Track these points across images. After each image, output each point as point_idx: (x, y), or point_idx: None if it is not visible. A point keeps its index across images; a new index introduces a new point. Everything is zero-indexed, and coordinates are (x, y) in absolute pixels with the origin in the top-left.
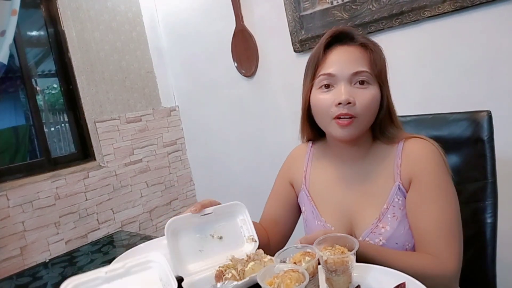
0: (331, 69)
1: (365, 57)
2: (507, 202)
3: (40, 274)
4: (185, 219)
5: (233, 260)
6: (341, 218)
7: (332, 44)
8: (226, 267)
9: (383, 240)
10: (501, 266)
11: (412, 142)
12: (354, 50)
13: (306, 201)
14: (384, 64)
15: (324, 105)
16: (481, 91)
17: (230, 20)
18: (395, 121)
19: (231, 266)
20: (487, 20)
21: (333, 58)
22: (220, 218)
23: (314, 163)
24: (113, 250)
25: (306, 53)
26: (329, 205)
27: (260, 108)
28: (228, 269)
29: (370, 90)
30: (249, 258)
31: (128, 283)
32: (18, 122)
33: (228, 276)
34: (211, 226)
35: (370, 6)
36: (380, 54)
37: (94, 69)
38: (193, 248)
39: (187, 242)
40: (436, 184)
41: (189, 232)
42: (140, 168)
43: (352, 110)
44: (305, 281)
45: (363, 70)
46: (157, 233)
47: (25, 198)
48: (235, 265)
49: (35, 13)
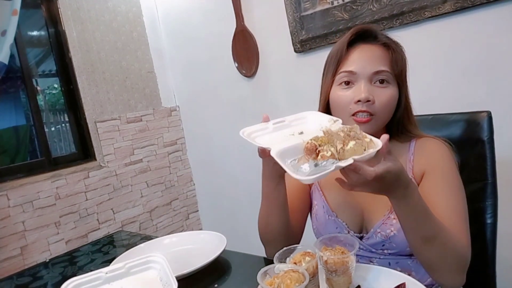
0: (352, 67)
1: (387, 56)
2: (507, 203)
3: (41, 274)
4: (259, 128)
5: (327, 133)
6: (352, 212)
7: (354, 42)
8: (320, 141)
9: (394, 231)
10: (501, 266)
11: (424, 140)
12: (376, 49)
13: (317, 196)
14: (404, 64)
15: (344, 102)
16: (481, 92)
17: (230, 20)
18: (412, 120)
19: (326, 141)
20: (488, 21)
21: (355, 56)
22: (293, 123)
23: None
24: (113, 250)
25: (307, 53)
26: (340, 200)
27: (260, 109)
28: (325, 145)
29: (390, 90)
30: (347, 136)
31: (129, 283)
32: (19, 122)
33: (327, 154)
34: (287, 131)
35: (371, 6)
36: (401, 54)
37: (95, 69)
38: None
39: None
40: (446, 175)
41: (265, 135)
42: (140, 168)
43: (371, 108)
44: (305, 281)
45: (383, 69)
46: (157, 233)
47: (25, 198)
48: (331, 141)
49: (36, 13)
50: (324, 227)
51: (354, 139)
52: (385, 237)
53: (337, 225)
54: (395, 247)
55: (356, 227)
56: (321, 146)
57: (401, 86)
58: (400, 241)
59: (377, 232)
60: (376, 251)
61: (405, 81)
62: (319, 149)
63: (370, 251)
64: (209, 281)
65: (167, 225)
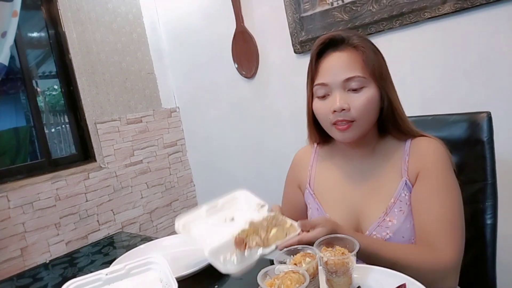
0: (323, 79)
1: (357, 59)
2: (507, 203)
3: (41, 275)
4: (192, 218)
5: (251, 225)
6: (347, 213)
7: (324, 51)
8: (246, 234)
9: (390, 234)
10: (501, 267)
11: (419, 140)
12: (345, 55)
13: (310, 199)
14: (378, 62)
15: (323, 113)
16: (481, 92)
17: (230, 21)
18: (400, 116)
19: (251, 232)
20: (487, 21)
21: (325, 67)
22: (225, 207)
23: (319, 163)
24: (113, 251)
25: (307, 54)
26: (334, 201)
27: (260, 109)
28: (251, 236)
29: (365, 93)
30: (270, 224)
31: (129, 285)
32: (19, 123)
33: (252, 244)
34: (219, 216)
35: (370, 7)
36: (372, 53)
37: (95, 70)
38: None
39: (201, 230)
40: (441, 178)
41: (200, 224)
42: (140, 169)
43: (348, 116)
44: (305, 282)
45: (353, 75)
46: (158, 234)
47: (25, 199)
48: (256, 231)
49: (36, 14)
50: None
51: (276, 226)
52: None
53: None
54: None
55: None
56: (248, 238)
57: (381, 83)
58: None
59: (373, 235)
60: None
61: (384, 78)
62: (246, 240)
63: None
64: (209, 282)
65: (167, 226)
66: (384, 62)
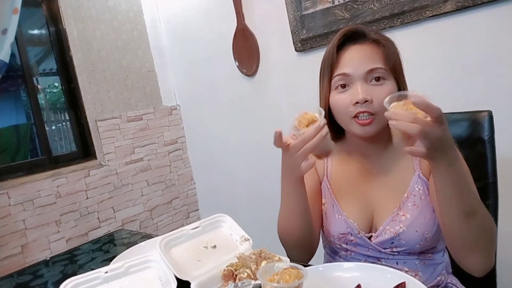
0: (345, 69)
1: (378, 53)
2: (507, 202)
3: (41, 272)
4: (175, 236)
5: (240, 259)
6: (362, 212)
7: (344, 44)
8: (236, 266)
9: (403, 227)
10: (501, 266)
11: None
12: (366, 47)
13: (327, 193)
14: (398, 57)
15: (343, 106)
16: (482, 91)
17: (231, 19)
18: None
19: (241, 265)
20: (489, 20)
21: (347, 58)
22: (208, 230)
23: (334, 159)
24: (113, 249)
25: (308, 52)
26: (350, 199)
27: (261, 107)
28: (241, 268)
29: (387, 86)
30: (259, 257)
31: (128, 283)
32: (19, 120)
33: (243, 276)
34: (201, 239)
35: (372, 5)
36: (393, 48)
37: (95, 67)
38: (190, 258)
39: (183, 254)
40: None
41: (181, 247)
42: (141, 166)
43: (371, 108)
44: (303, 277)
45: (377, 66)
46: (158, 231)
47: (26, 196)
48: (245, 264)
49: (37, 11)
50: (333, 226)
51: (265, 259)
52: (394, 234)
53: (348, 225)
54: (404, 244)
55: (366, 227)
56: (237, 270)
57: (398, 79)
58: (409, 237)
59: (386, 229)
60: (385, 251)
61: (401, 75)
62: (236, 273)
63: (378, 251)
64: None
65: (168, 224)
66: (400, 60)
